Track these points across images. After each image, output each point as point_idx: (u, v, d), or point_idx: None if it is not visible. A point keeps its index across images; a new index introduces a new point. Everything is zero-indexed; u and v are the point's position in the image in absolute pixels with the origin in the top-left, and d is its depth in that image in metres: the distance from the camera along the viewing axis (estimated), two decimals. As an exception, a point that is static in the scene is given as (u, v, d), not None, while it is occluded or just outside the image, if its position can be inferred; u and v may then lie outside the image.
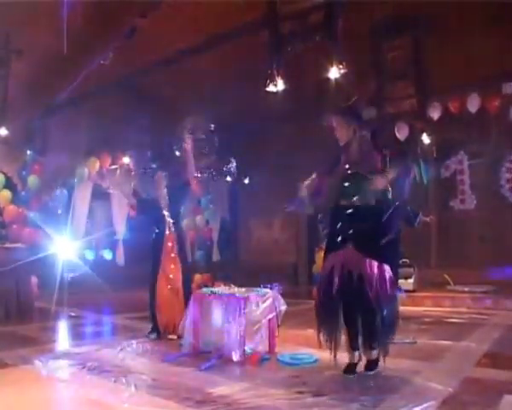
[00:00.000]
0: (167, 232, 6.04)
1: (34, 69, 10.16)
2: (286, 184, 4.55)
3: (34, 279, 8.44)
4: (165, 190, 6.19)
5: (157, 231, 6.07)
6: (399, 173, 4.13)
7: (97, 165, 10.63)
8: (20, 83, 10.12)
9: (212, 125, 9.26)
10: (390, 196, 4.13)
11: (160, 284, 5.93)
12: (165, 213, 6.08)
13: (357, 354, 4.15)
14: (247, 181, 13.15)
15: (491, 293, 9.10)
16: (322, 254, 8.33)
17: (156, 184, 6.26)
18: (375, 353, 4.11)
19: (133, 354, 5.03)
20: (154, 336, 5.83)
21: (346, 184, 4.13)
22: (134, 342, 5.52)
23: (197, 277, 8.97)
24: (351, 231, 4.05)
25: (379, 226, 3.99)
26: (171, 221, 6.07)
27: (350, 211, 4.09)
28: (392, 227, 4.01)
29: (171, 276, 5.97)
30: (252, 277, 5.31)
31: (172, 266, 5.99)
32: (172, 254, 6.03)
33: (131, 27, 8.89)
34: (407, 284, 9.25)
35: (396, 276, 7.58)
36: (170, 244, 6.04)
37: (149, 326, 5.97)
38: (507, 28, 9.68)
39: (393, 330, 4.06)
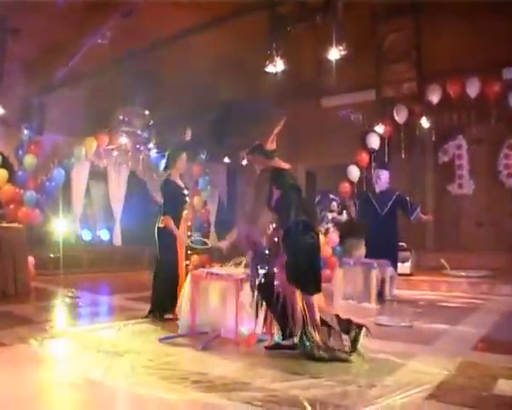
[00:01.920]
0: (186, 212, 5.99)
1: (31, 48, 10.06)
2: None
3: (31, 259, 8.43)
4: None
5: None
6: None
7: (95, 144, 10.57)
8: (17, 61, 10.03)
9: (152, 121, 9.42)
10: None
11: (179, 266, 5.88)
12: (186, 191, 6.02)
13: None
14: (245, 162, 13.09)
15: (488, 278, 9.13)
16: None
17: (178, 166, 6.10)
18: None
19: (130, 334, 5.04)
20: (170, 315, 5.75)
21: None
22: (131, 322, 5.52)
23: (194, 258, 8.95)
24: None
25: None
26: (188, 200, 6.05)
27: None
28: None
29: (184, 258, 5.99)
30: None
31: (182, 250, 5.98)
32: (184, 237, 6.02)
33: (129, 7, 8.79)
34: (404, 267, 9.27)
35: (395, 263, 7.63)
36: (189, 224, 6.00)
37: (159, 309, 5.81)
38: (508, 13, 9.60)
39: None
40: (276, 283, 4.27)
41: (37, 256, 8.92)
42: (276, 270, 4.30)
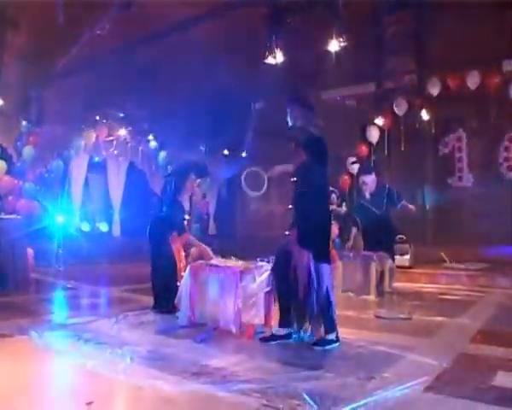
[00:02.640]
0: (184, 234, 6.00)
1: (30, 39, 10.03)
2: (284, 158, 4.55)
3: (30, 251, 8.42)
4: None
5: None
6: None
7: (93, 136, 10.54)
8: (16, 53, 10.00)
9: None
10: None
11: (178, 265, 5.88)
12: (186, 216, 6.03)
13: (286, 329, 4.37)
14: (244, 155, 13.07)
15: (487, 271, 9.14)
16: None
17: (187, 188, 6.09)
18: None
19: (129, 325, 5.03)
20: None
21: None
22: (130, 314, 5.52)
23: (193, 250, 8.95)
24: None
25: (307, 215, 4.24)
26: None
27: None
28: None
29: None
30: (249, 250, 5.30)
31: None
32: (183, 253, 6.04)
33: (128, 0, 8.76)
34: (403, 260, 9.28)
35: (392, 254, 7.66)
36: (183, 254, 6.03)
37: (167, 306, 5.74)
38: (508, 6, 9.57)
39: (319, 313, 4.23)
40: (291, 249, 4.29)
41: (36, 248, 8.90)
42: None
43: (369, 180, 8.01)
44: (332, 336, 4.21)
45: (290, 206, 4.43)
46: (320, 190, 4.33)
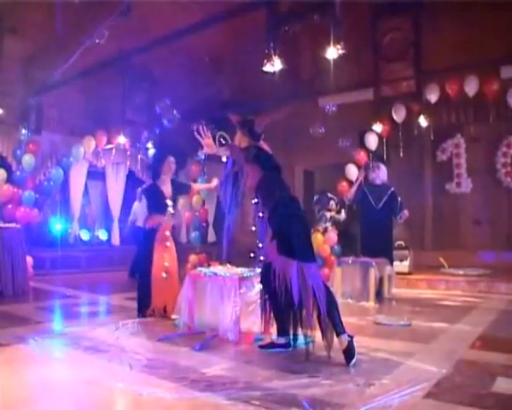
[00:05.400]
0: (166, 219, 5.99)
1: (29, 47, 10.06)
2: (282, 164, 4.57)
3: (29, 259, 8.42)
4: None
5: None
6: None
7: (93, 144, 10.54)
8: (14, 61, 10.02)
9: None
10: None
11: (154, 271, 5.89)
12: (169, 202, 6.01)
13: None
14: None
15: (486, 276, 9.13)
16: (317, 235, 8.36)
17: (165, 170, 6.10)
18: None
19: (128, 333, 5.03)
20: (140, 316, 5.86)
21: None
22: (129, 321, 5.52)
23: (193, 257, 8.95)
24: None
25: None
26: (172, 211, 6.03)
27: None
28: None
29: (166, 264, 5.95)
30: (247, 257, 5.30)
31: (167, 256, 5.98)
32: (168, 243, 6.02)
33: (127, 5, 8.77)
34: (402, 266, 9.28)
35: (391, 259, 7.66)
36: (167, 233, 6.01)
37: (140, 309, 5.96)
38: (507, 12, 9.60)
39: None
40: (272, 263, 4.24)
41: (35, 256, 8.90)
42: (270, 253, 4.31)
43: (383, 168, 8.10)
44: (345, 336, 3.95)
45: (253, 228, 4.48)
46: (287, 195, 4.40)
